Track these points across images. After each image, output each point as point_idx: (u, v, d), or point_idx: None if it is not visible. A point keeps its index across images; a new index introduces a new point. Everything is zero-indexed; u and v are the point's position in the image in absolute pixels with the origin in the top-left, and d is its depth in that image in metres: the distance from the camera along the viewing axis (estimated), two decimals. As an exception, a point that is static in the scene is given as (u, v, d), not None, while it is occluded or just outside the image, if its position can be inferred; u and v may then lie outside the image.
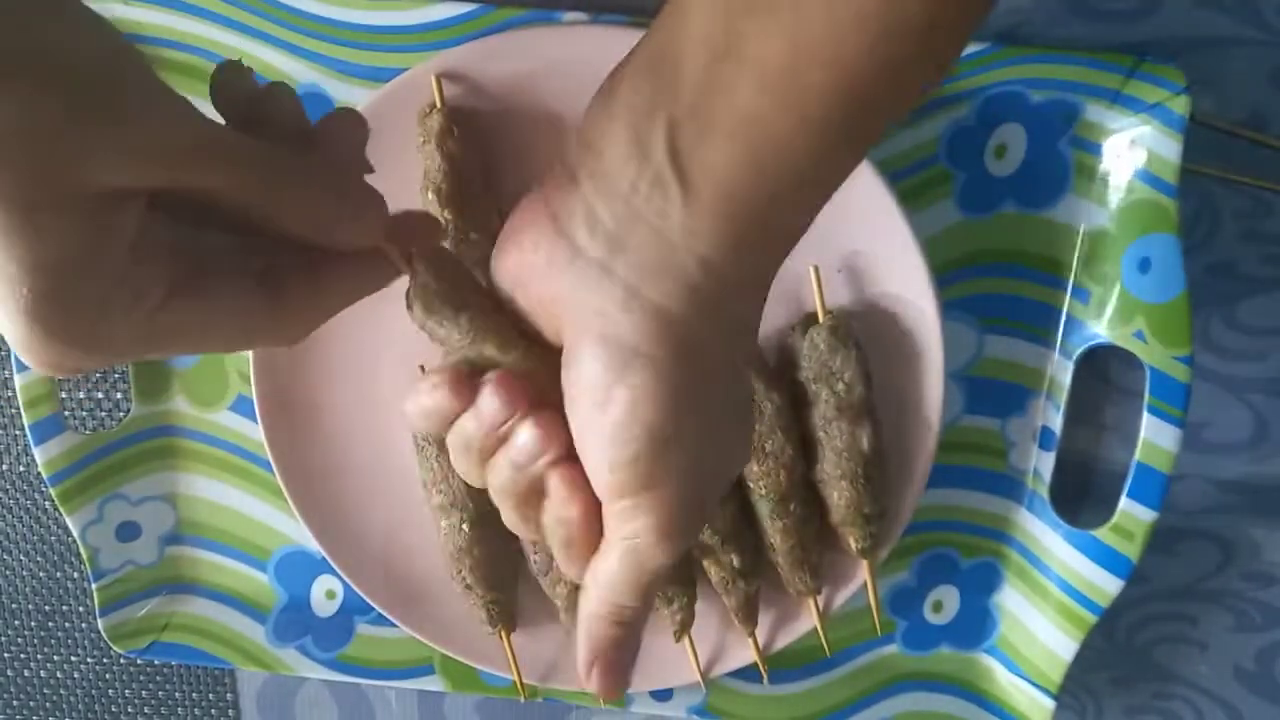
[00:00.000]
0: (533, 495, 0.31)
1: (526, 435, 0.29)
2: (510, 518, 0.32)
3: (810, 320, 0.46)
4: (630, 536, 0.29)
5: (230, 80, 0.29)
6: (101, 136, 0.23)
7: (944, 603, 0.52)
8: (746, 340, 0.30)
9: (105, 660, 0.59)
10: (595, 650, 0.31)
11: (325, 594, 0.54)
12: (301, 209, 0.28)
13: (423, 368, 0.48)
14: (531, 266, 0.28)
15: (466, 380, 0.30)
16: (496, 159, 0.46)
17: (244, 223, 0.28)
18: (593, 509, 0.30)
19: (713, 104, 0.25)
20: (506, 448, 0.30)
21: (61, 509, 0.51)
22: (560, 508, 0.30)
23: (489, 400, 0.29)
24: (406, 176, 0.45)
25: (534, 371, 0.30)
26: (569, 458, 0.30)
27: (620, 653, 0.32)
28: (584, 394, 0.28)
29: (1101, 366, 0.50)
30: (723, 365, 0.29)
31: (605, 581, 0.30)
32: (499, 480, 0.31)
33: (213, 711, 0.59)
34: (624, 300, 0.27)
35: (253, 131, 0.28)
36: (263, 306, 0.29)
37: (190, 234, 0.28)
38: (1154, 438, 0.46)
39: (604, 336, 0.27)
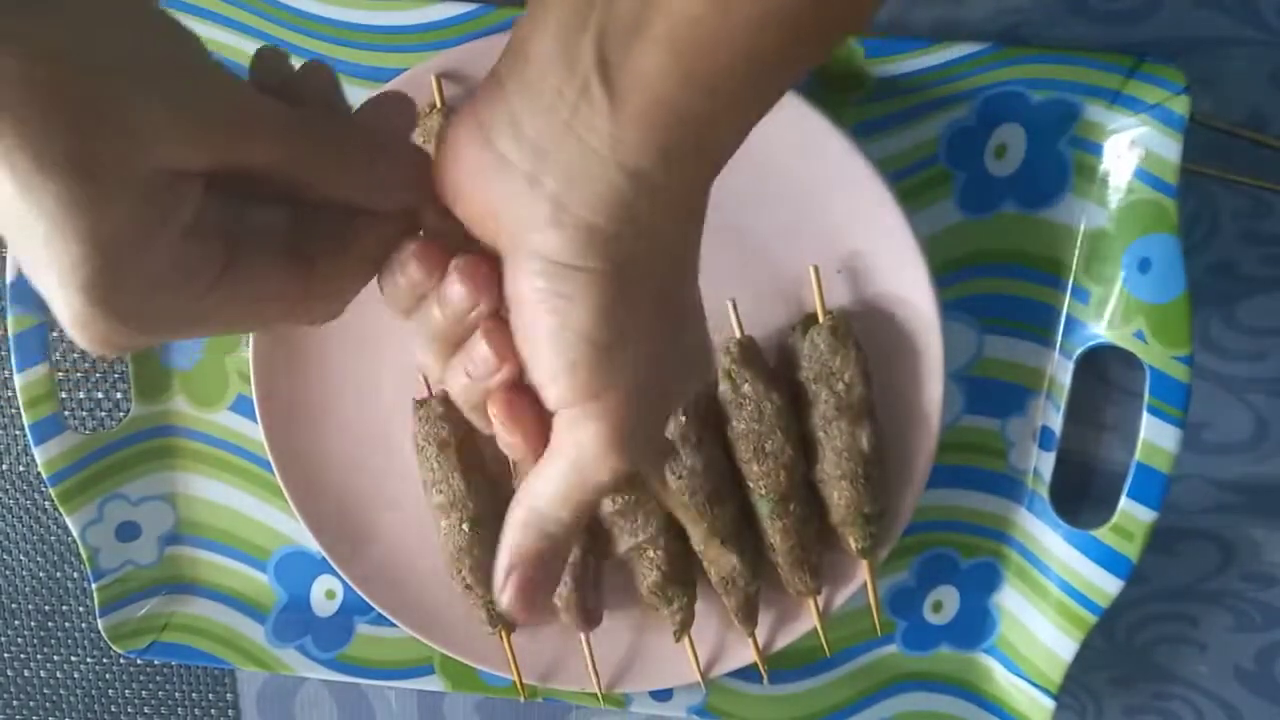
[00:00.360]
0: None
1: (480, 351, 0.29)
2: (474, 420, 0.32)
3: (810, 320, 0.46)
4: (575, 446, 0.29)
5: (267, 64, 0.29)
6: (164, 118, 0.24)
7: (944, 603, 0.52)
8: (683, 252, 0.29)
9: (105, 660, 0.59)
10: (514, 559, 0.30)
11: (325, 594, 0.54)
12: (350, 174, 0.28)
13: (424, 376, 0.48)
14: (464, 176, 0.28)
15: (439, 254, 0.29)
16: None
17: (285, 194, 0.28)
18: (535, 437, 0.30)
19: (645, 11, 0.24)
20: (463, 355, 0.30)
21: (61, 509, 0.51)
22: (503, 435, 0.30)
23: (454, 287, 0.29)
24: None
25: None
26: (512, 385, 0.29)
27: (539, 570, 0.31)
28: (521, 307, 0.28)
29: (1101, 366, 0.50)
30: (659, 277, 0.28)
31: (541, 490, 0.30)
32: (455, 387, 0.31)
33: (213, 711, 0.59)
34: (552, 214, 0.26)
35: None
36: (298, 284, 0.29)
37: (233, 213, 0.28)
38: (1154, 438, 0.46)
39: (534, 251, 0.27)
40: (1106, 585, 0.48)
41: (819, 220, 0.46)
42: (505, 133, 0.27)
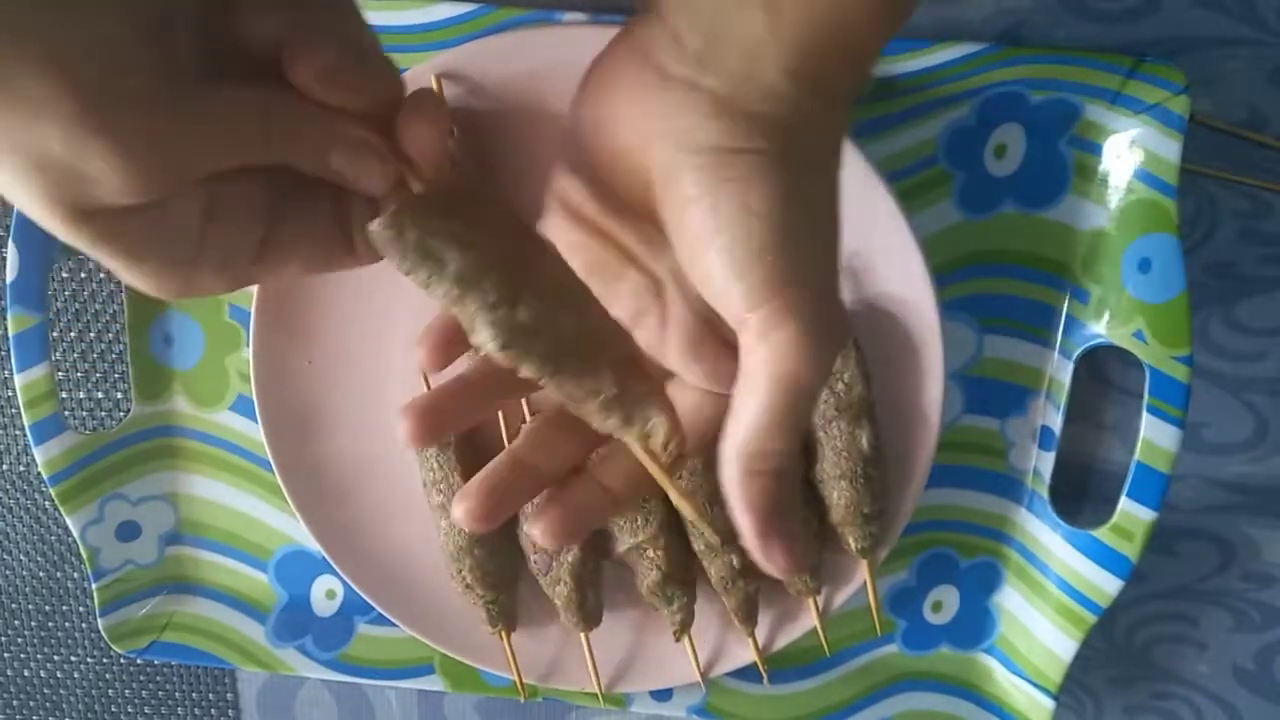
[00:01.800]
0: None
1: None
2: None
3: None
4: (774, 354, 0.27)
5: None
6: (98, 171, 0.24)
7: (944, 603, 0.52)
8: (834, 150, 0.29)
9: (105, 660, 0.59)
10: (761, 520, 0.28)
11: (325, 594, 0.54)
12: (312, 172, 0.28)
13: (425, 374, 0.48)
14: (616, 103, 0.29)
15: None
16: (496, 159, 0.46)
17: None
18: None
19: None
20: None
21: (61, 509, 0.51)
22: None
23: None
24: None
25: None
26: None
27: (787, 519, 0.29)
28: (690, 212, 0.28)
29: (1101, 366, 0.50)
30: (818, 168, 0.28)
31: (748, 426, 0.28)
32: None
33: (213, 711, 0.59)
34: (713, 109, 0.27)
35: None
36: (339, 236, 0.30)
37: (261, 180, 0.28)
38: (1154, 438, 0.46)
39: (697, 147, 0.27)
40: (1106, 585, 0.48)
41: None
42: (667, 48, 0.28)
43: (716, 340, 0.31)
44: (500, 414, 0.48)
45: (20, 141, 0.23)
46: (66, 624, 0.59)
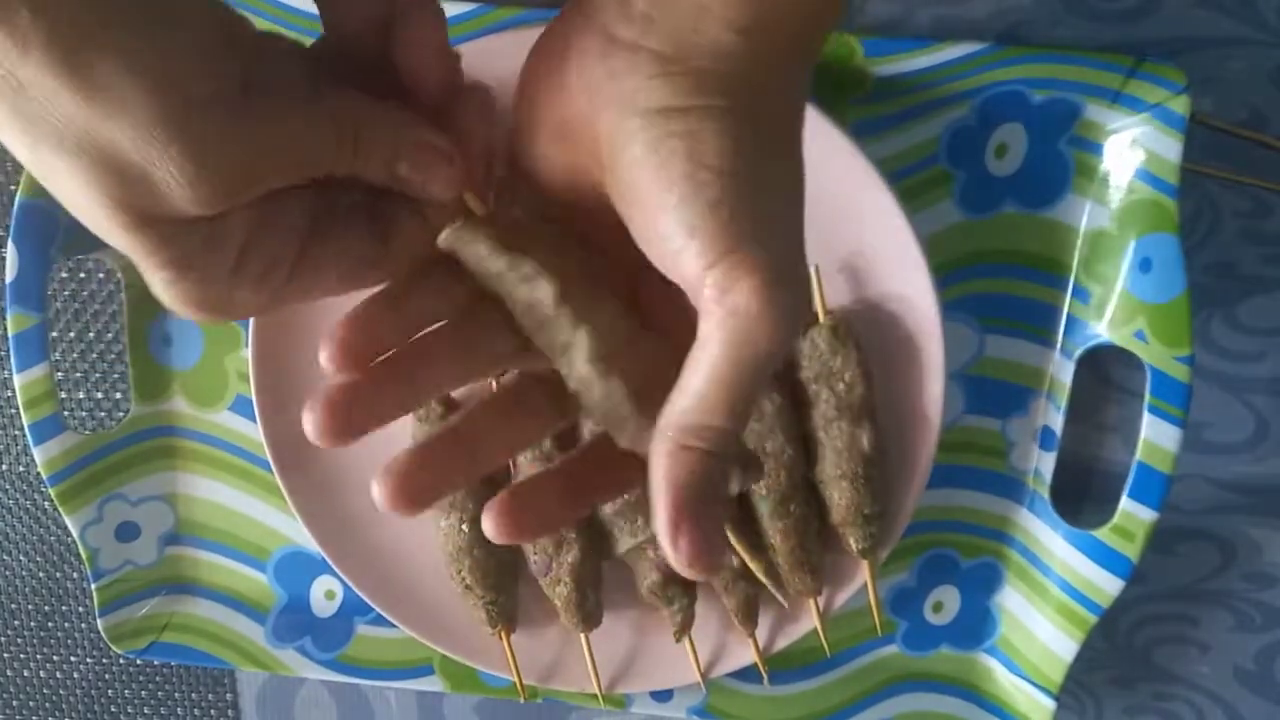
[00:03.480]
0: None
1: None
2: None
3: (810, 320, 0.46)
4: (729, 314, 0.25)
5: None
6: (167, 182, 0.24)
7: (944, 603, 0.52)
8: (794, 103, 0.28)
9: (105, 660, 0.59)
10: (677, 503, 0.25)
11: (325, 594, 0.54)
12: (377, 180, 0.28)
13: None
14: (565, 72, 0.27)
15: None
16: (496, 159, 0.46)
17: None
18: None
19: None
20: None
21: (61, 509, 0.51)
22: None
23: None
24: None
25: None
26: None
27: (708, 509, 0.26)
28: (637, 175, 0.26)
29: (1102, 366, 0.50)
30: (773, 119, 0.27)
31: (690, 393, 0.25)
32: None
33: (212, 712, 0.59)
34: (657, 68, 0.26)
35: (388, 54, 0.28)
36: (377, 251, 0.29)
37: (303, 195, 0.28)
38: (1154, 438, 0.46)
39: (643, 108, 0.26)
40: (1107, 585, 0.48)
41: (819, 220, 0.46)
42: (613, 12, 0.26)
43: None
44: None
45: (95, 139, 0.23)
46: (66, 624, 0.58)
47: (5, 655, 0.60)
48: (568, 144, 0.28)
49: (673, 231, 0.25)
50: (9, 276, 0.48)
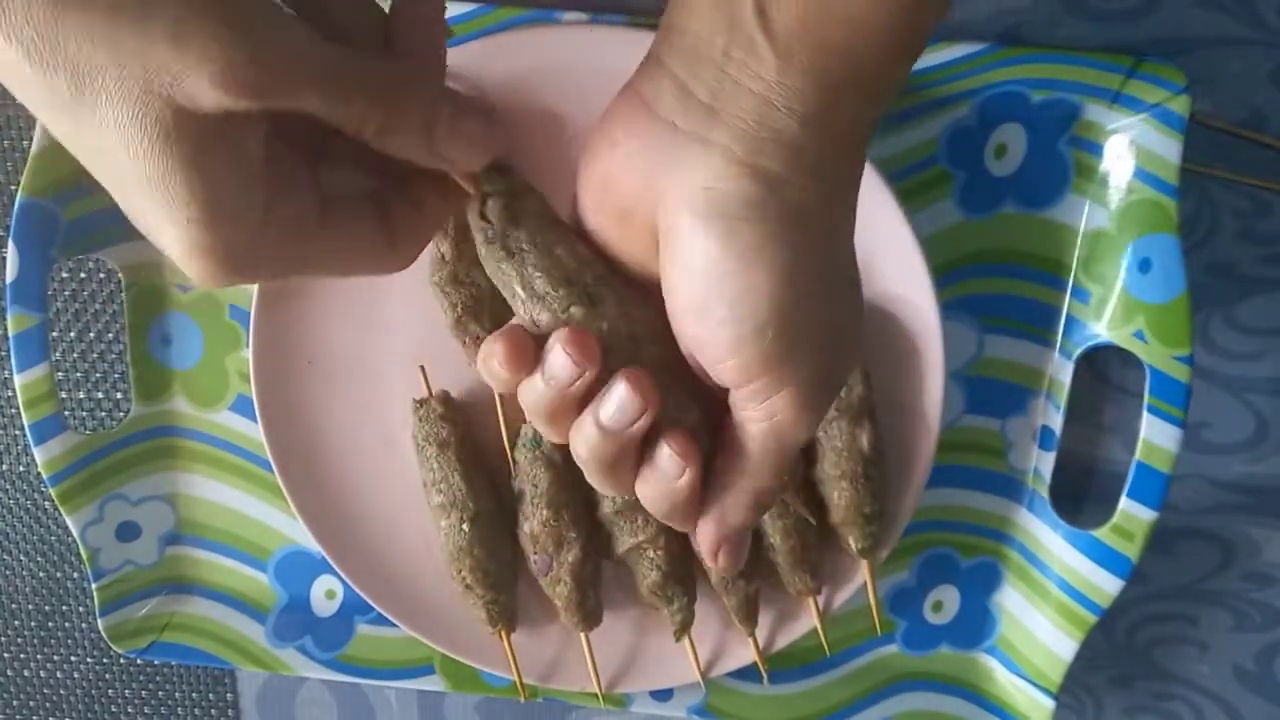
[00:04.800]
0: (623, 458, 0.29)
1: (621, 394, 0.28)
2: (598, 480, 0.30)
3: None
4: (766, 418, 0.28)
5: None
6: (193, 65, 0.24)
7: (944, 603, 0.52)
8: (850, 200, 0.29)
9: (105, 660, 0.59)
10: (725, 535, 0.30)
11: (325, 594, 0.54)
12: (398, 136, 0.28)
13: (423, 369, 0.48)
14: (623, 159, 0.28)
15: (528, 346, 0.29)
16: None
17: (363, 154, 0.29)
18: (702, 476, 0.29)
19: None
20: (593, 409, 0.29)
21: (61, 509, 0.51)
22: (670, 478, 0.29)
23: (558, 359, 0.28)
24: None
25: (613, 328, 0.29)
26: (673, 421, 0.29)
27: (746, 533, 0.31)
28: (692, 278, 0.27)
29: (1101, 366, 0.50)
30: (832, 228, 0.28)
31: (745, 469, 0.29)
32: (585, 444, 0.29)
33: (213, 711, 0.59)
34: (724, 167, 0.26)
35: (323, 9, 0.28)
36: (381, 235, 0.30)
37: (316, 169, 0.29)
38: (1154, 438, 0.46)
39: (707, 208, 0.26)
40: (1107, 585, 0.48)
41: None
42: (674, 101, 0.27)
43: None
44: (500, 412, 0.48)
45: (130, 30, 0.23)
46: (66, 624, 0.59)
47: (5, 655, 0.60)
48: (625, 226, 0.29)
49: (715, 342, 0.27)
50: (9, 276, 0.48)
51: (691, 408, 0.30)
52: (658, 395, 0.28)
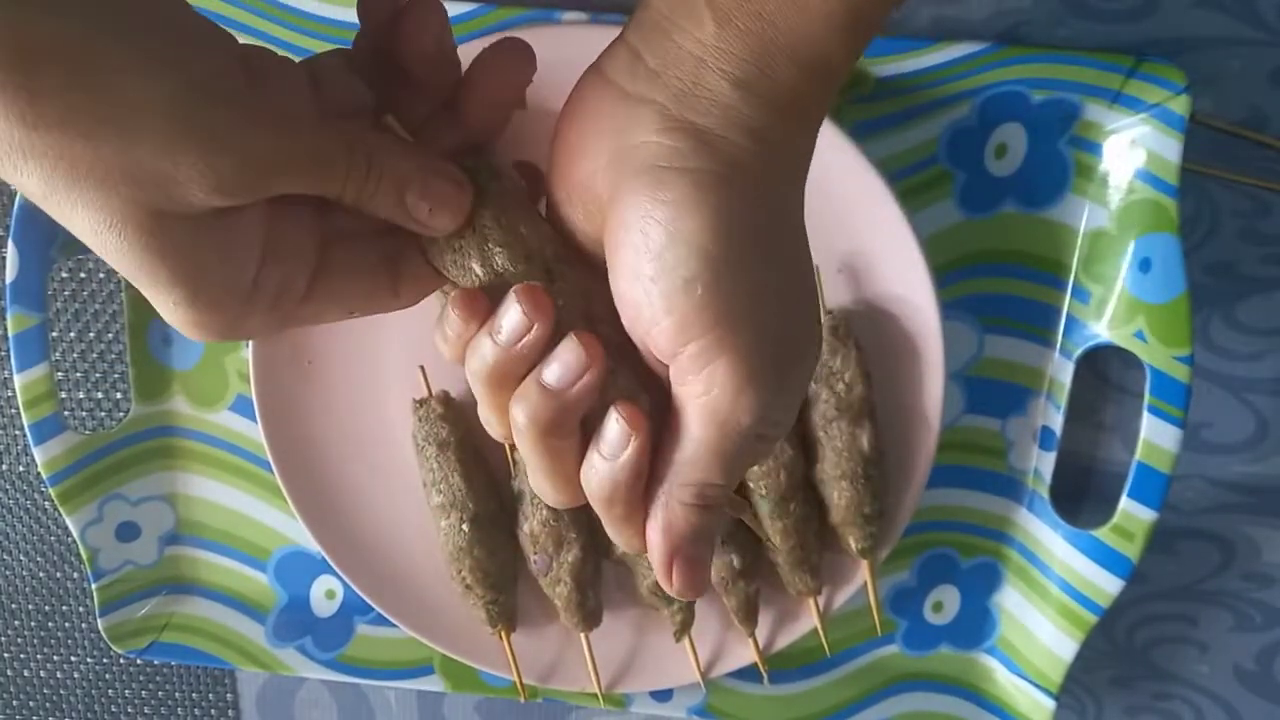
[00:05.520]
0: (562, 425, 0.28)
1: (566, 351, 0.27)
2: (536, 461, 0.29)
3: (810, 320, 0.46)
4: (705, 391, 0.26)
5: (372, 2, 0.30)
6: (183, 180, 0.24)
7: (944, 603, 0.52)
8: (797, 172, 0.29)
9: (105, 660, 0.59)
10: (675, 543, 0.28)
11: (325, 594, 0.54)
12: (373, 201, 0.29)
13: (423, 369, 0.48)
14: (579, 130, 0.28)
15: (482, 300, 0.28)
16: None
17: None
18: (648, 455, 0.28)
19: None
20: (537, 371, 0.28)
21: (61, 509, 0.51)
22: (616, 448, 0.27)
23: (509, 310, 0.28)
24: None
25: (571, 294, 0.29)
26: (621, 391, 0.28)
27: (701, 546, 0.28)
28: (622, 238, 0.27)
29: (1102, 366, 0.50)
30: (770, 189, 0.27)
31: (686, 457, 0.27)
32: (526, 408, 0.28)
33: (213, 712, 0.59)
34: (659, 122, 0.26)
35: (393, 49, 0.29)
36: (387, 280, 0.30)
37: (317, 220, 0.29)
38: (1154, 438, 0.46)
39: (640, 162, 0.26)
40: (1107, 585, 0.48)
41: (819, 220, 0.46)
42: (624, 69, 0.27)
43: None
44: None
45: (113, 149, 0.24)
46: (66, 624, 0.59)
47: (5, 655, 0.60)
48: (586, 201, 0.29)
49: (647, 302, 0.26)
50: (9, 276, 0.48)
51: (640, 393, 0.29)
52: (604, 356, 0.27)
